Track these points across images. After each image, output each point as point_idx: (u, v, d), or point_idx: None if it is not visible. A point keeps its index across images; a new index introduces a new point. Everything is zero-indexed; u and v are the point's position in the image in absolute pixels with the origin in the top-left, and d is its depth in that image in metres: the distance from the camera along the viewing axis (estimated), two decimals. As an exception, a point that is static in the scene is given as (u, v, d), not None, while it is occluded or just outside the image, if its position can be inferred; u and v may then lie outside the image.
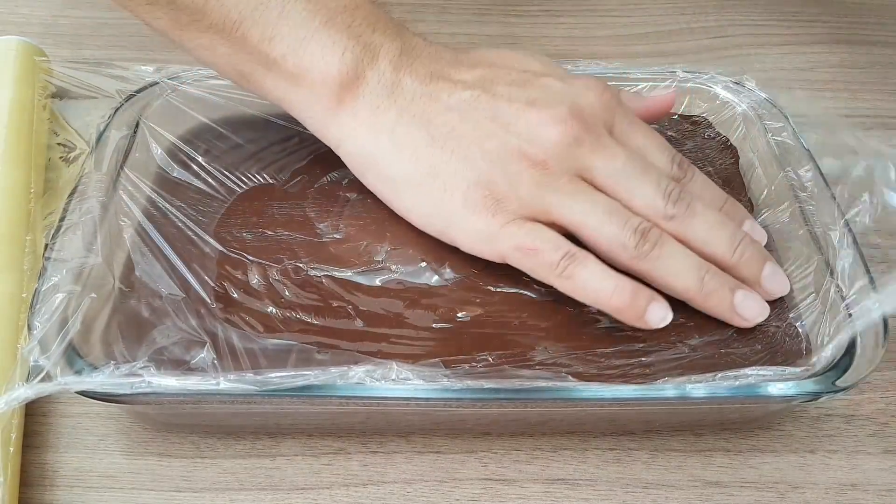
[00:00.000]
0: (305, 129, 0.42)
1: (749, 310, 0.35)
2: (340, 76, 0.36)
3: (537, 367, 0.34)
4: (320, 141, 0.42)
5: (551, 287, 0.36)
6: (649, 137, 0.38)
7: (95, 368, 0.31)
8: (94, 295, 0.34)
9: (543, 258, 0.35)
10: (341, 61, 0.36)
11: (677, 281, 0.35)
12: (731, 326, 0.35)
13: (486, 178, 0.35)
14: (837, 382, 0.32)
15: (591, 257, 0.35)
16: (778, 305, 0.36)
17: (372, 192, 0.40)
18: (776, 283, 0.36)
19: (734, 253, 0.36)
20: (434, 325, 0.35)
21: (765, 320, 0.36)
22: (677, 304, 0.36)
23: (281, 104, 0.38)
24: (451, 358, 0.34)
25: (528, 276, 0.37)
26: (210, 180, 0.40)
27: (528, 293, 0.36)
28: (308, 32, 0.36)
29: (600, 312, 0.36)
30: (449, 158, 0.36)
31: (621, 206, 0.35)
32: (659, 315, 0.34)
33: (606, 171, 0.36)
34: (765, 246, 0.38)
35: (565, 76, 0.38)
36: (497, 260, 0.36)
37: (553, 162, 0.35)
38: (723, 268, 0.36)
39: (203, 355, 0.33)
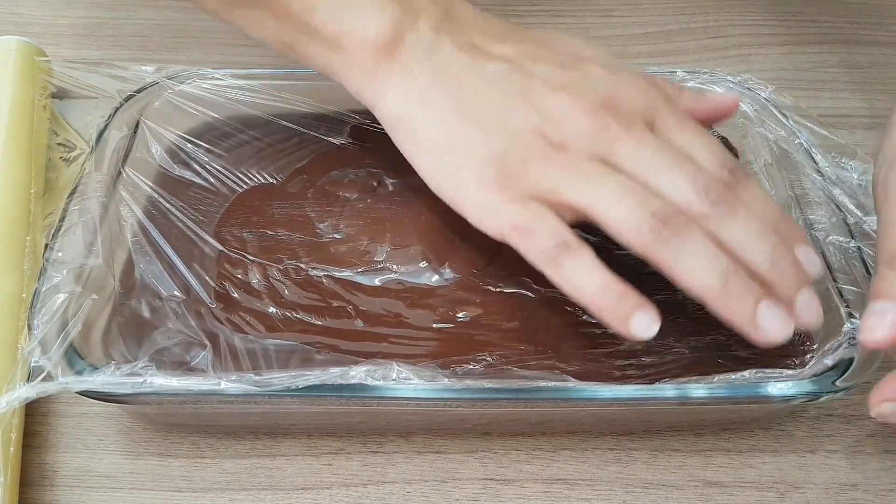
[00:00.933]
0: (305, 128, 0.42)
1: (771, 324, 0.31)
2: (378, 38, 0.36)
3: (537, 367, 0.34)
4: (321, 141, 0.42)
5: (551, 287, 0.36)
6: (699, 137, 0.35)
7: (96, 369, 0.31)
8: (95, 296, 0.34)
9: (536, 242, 0.33)
10: (380, 23, 0.36)
11: (696, 277, 0.31)
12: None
13: (500, 152, 0.34)
14: (837, 382, 0.32)
15: (587, 251, 0.33)
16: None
17: (372, 192, 0.40)
18: (810, 313, 0.32)
19: (772, 267, 0.32)
20: (434, 325, 0.35)
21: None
22: (677, 304, 0.36)
23: (325, 72, 0.38)
24: (452, 358, 0.34)
25: (528, 277, 0.37)
26: (210, 180, 0.40)
27: (528, 293, 0.36)
28: None
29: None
30: (471, 128, 0.35)
31: (641, 188, 0.33)
32: (644, 325, 0.31)
33: (632, 157, 0.33)
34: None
35: (614, 66, 0.36)
36: (497, 237, 0.34)
37: (572, 144, 0.34)
38: (757, 280, 0.32)
39: (203, 355, 0.33)
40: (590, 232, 0.34)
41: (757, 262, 0.32)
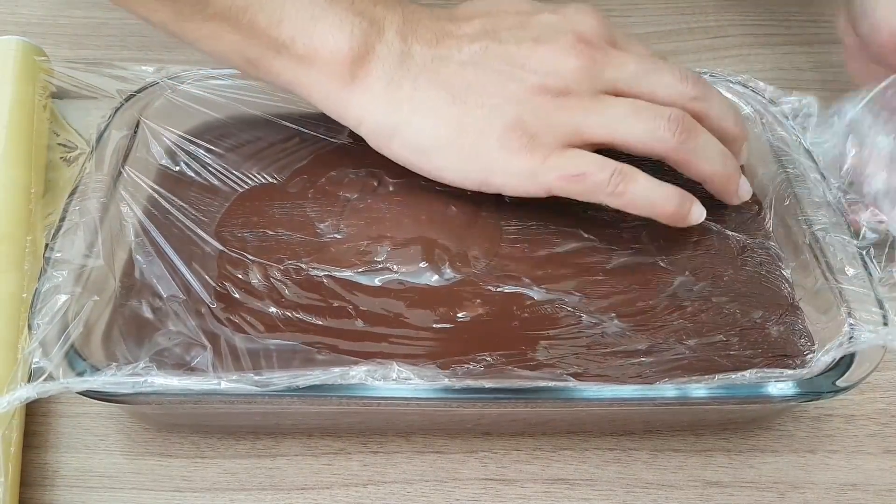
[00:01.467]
0: (306, 128, 0.42)
1: (745, 190, 0.39)
2: (351, 53, 0.36)
3: (537, 367, 0.34)
4: (321, 141, 0.42)
5: (551, 286, 0.36)
6: (645, 45, 0.41)
7: (97, 370, 0.31)
8: (96, 297, 0.34)
9: (593, 180, 0.36)
10: (351, 38, 0.36)
11: (708, 166, 0.37)
12: (731, 327, 0.36)
13: (515, 119, 0.36)
14: (838, 382, 0.32)
15: (638, 170, 0.36)
16: (779, 306, 0.37)
17: (372, 192, 0.40)
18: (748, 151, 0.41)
19: (740, 125, 0.39)
20: (434, 326, 0.35)
21: (765, 322, 0.36)
22: (678, 305, 0.36)
23: (290, 87, 0.38)
24: (452, 358, 0.34)
25: (528, 277, 0.37)
26: (211, 180, 0.40)
27: (528, 293, 0.36)
28: (315, 13, 0.36)
29: (600, 313, 0.36)
30: (474, 111, 0.36)
31: (646, 103, 0.37)
32: (698, 213, 0.37)
33: (623, 77, 0.37)
34: None
35: (556, 9, 0.39)
36: (543, 194, 0.37)
37: (574, 87, 0.37)
38: (731, 139, 0.39)
39: (204, 356, 0.33)
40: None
41: (732, 125, 0.39)
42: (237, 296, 0.36)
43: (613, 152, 0.37)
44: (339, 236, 0.38)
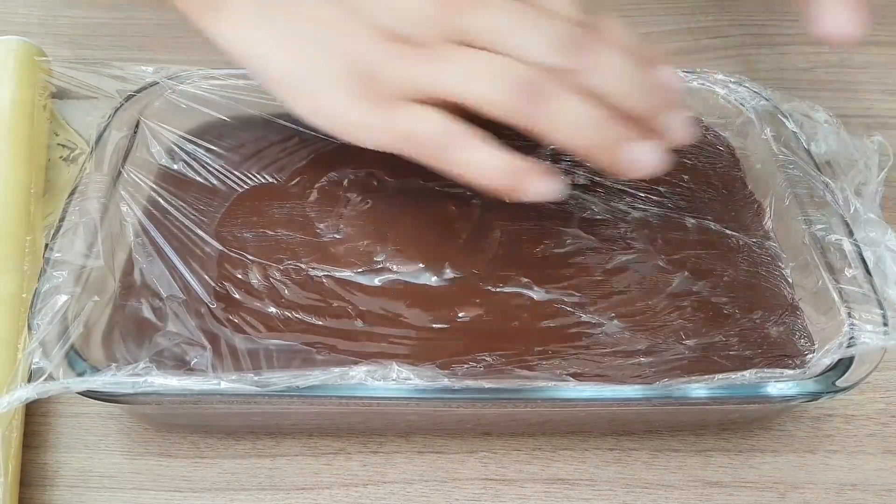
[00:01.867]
0: (306, 128, 0.42)
1: (643, 160, 0.33)
2: None
3: (537, 367, 0.34)
4: (321, 141, 0.42)
5: (551, 286, 0.36)
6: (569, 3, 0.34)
7: (97, 370, 0.31)
8: (96, 298, 0.34)
9: (425, 142, 0.32)
10: None
11: (572, 137, 0.32)
12: (730, 327, 0.36)
13: (356, 66, 0.33)
14: (837, 382, 0.32)
15: (475, 135, 0.32)
16: (779, 306, 0.37)
17: (372, 192, 0.40)
18: (686, 132, 0.34)
19: (642, 102, 0.33)
20: (434, 326, 0.35)
21: (765, 322, 0.36)
22: (677, 305, 0.36)
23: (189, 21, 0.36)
24: (452, 358, 0.34)
25: (528, 277, 0.37)
26: (210, 180, 0.40)
27: (528, 293, 0.36)
28: None
29: (600, 313, 0.36)
30: (320, 52, 0.34)
31: (503, 60, 0.32)
32: (536, 190, 0.32)
33: (484, 27, 0.32)
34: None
35: None
36: (390, 150, 0.34)
37: (420, 33, 0.33)
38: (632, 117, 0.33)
39: (204, 356, 0.33)
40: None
41: (627, 103, 0.33)
42: (237, 296, 0.36)
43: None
44: (338, 236, 0.38)
